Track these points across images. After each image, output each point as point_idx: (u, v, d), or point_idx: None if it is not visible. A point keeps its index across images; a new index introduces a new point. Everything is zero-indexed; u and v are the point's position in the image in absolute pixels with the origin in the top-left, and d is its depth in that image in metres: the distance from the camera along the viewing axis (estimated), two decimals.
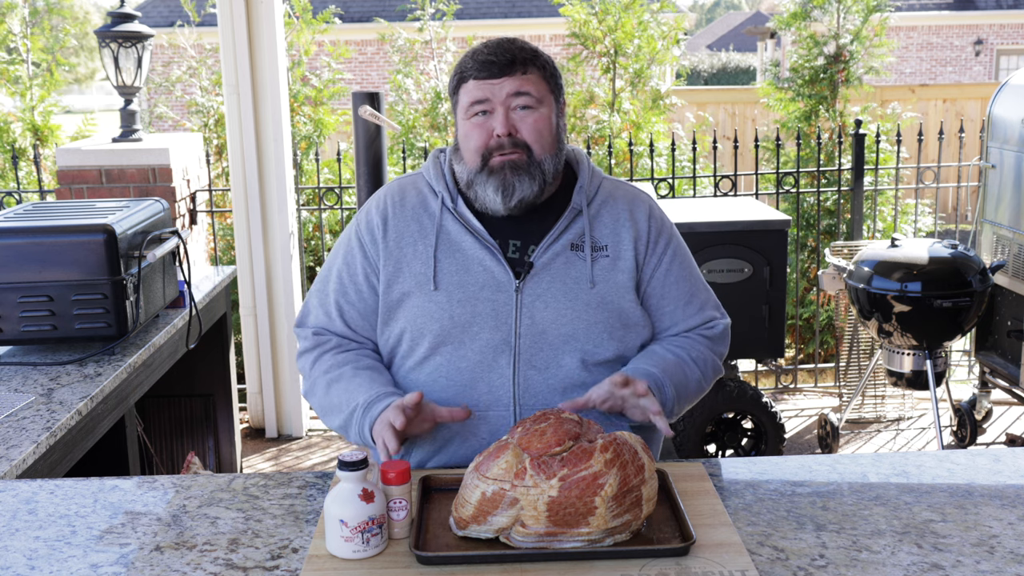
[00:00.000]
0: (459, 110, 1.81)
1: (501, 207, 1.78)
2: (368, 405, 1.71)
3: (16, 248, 2.41)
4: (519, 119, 1.77)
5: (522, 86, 1.76)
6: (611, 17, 5.73)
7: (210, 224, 4.68)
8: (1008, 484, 1.62)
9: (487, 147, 1.77)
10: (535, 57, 1.80)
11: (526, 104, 1.77)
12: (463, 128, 1.80)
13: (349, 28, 13.82)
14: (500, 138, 1.76)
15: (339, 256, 1.89)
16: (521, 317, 1.77)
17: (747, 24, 31.56)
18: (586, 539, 1.37)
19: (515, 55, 1.77)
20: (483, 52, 1.78)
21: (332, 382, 1.79)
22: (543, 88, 1.79)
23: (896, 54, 18.52)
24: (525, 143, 1.77)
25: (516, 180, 1.76)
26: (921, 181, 5.14)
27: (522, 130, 1.77)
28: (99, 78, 24.67)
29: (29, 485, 1.69)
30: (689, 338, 1.88)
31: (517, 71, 1.76)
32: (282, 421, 4.55)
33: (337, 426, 1.79)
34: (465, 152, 1.81)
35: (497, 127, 1.76)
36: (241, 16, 4.13)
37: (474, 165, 1.79)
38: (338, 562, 1.37)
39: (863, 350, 4.46)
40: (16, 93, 5.45)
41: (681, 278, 1.88)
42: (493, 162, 1.77)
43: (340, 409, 1.76)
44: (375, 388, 1.74)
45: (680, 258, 1.90)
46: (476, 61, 1.78)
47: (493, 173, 1.77)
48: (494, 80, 1.76)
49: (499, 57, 1.77)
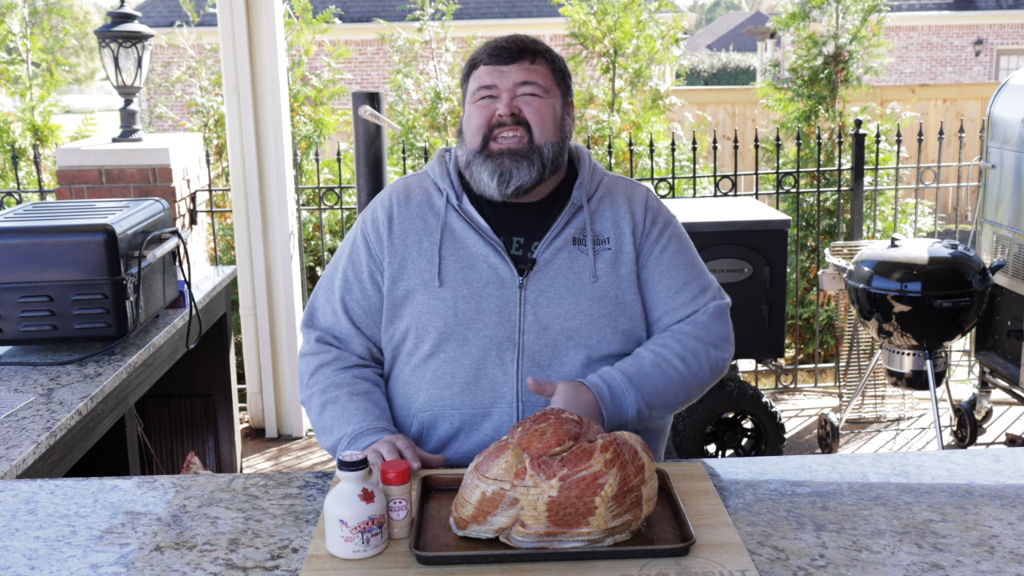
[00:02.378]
0: (467, 96, 1.84)
1: (496, 193, 1.79)
2: (355, 437, 1.72)
3: (16, 248, 2.41)
4: (524, 103, 1.79)
5: (530, 75, 1.79)
6: (610, 17, 5.73)
7: (210, 224, 4.68)
8: (1008, 484, 1.62)
9: (488, 125, 1.78)
10: (546, 51, 1.84)
11: (532, 92, 1.79)
12: (468, 111, 1.83)
13: (349, 28, 13.83)
14: (502, 116, 1.77)
15: (345, 254, 1.90)
16: (525, 313, 1.77)
17: (747, 24, 31.57)
18: (586, 539, 1.37)
19: (525, 45, 1.81)
20: (496, 42, 1.82)
21: (327, 403, 1.80)
22: (550, 80, 1.82)
23: (896, 54, 18.56)
24: (527, 122, 1.78)
25: (514, 167, 1.77)
26: (921, 181, 5.14)
27: (525, 111, 1.79)
28: (99, 78, 24.67)
29: (29, 485, 1.69)
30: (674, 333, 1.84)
31: (526, 59, 1.79)
32: (282, 421, 4.55)
33: (327, 447, 1.80)
34: (467, 132, 1.82)
35: (500, 107, 1.78)
36: (241, 16, 4.12)
37: (474, 145, 1.80)
38: (338, 562, 1.37)
39: (863, 350, 4.46)
40: (16, 93, 5.44)
41: (675, 265, 1.87)
42: (493, 146, 1.78)
43: (331, 432, 1.77)
44: (367, 420, 1.74)
45: (676, 244, 1.89)
46: (488, 48, 1.82)
47: (491, 157, 1.78)
48: (503, 66, 1.78)
49: (511, 45, 1.81)
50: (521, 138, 1.78)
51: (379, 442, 1.67)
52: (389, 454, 1.62)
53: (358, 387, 1.80)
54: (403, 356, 1.84)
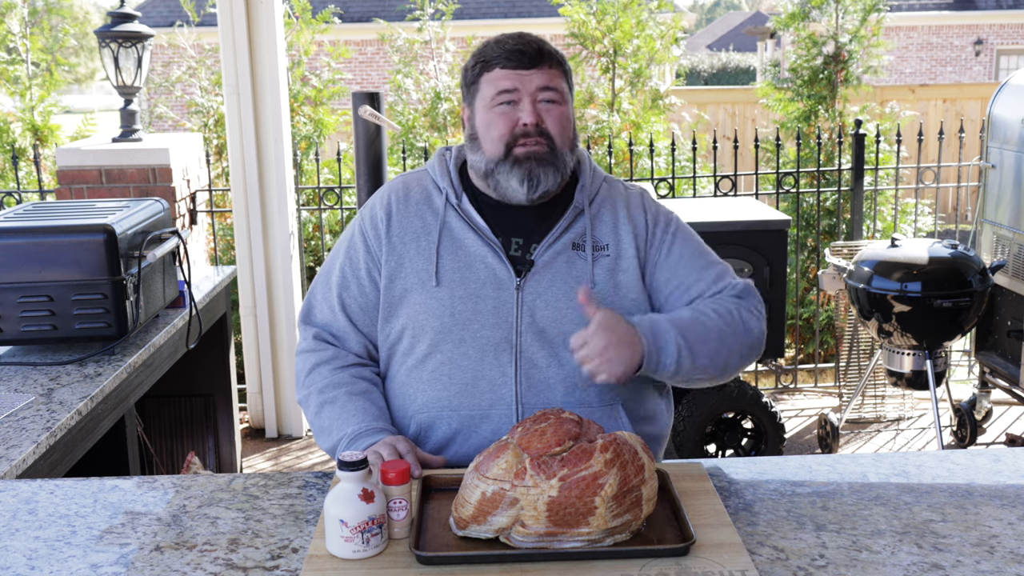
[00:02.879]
0: (480, 99, 1.80)
1: (524, 198, 1.79)
2: (355, 437, 1.71)
3: (16, 248, 2.40)
4: (544, 111, 1.78)
5: (550, 80, 1.78)
6: (609, 17, 5.73)
7: (210, 224, 4.68)
8: (1008, 484, 1.62)
9: (512, 134, 1.77)
10: (559, 54, 1.83)
11: (552, 99, 1.78)
12: (485, 117, 1.79)
13: (349, 28, 13.83)
14: (527, 127, 1.76)
15: (342, 251, 1.89)
16: (522, 315, 1.77)
17: (747, 24, 31.57)
18: (586, 539, 1.37)
19: (543, 48, 1.79)
20: (509, 42, 1.79)
21: (325, 404, 1.78)
22: (564, 85, 1.82)
23: (896, 54, 18.55)
24: (549, 133, 1.78)
25: (542, 171, 1.77)
26: (921, 181, 5.14)
27: (547, 121, 1.78)
28: (99, 78, 24.67)
29: (29, 485, 1.69)
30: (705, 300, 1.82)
31: (546, 64, 1.78)
32: (282, 421, 4.55)
33: (326, 449, 1.79)
34: (485, 141, 1.79)
35: (525, 116, 1.76)
36: (241, 16, 4.13)
37: (496, 153, 1.78)
38: (338, 562, 1.37)
39: (863, 350, 4.46)
40: (16, 93, 5.44)
41: (687, 255, 1.86)
42: (518, 152, 1.77)
43: (329, 433, 1.76)
44: (367, 421, 1.73)
45: (683, 238, 1.88)
46: (504, 49, 1.78)
47: (518, 163, 1.77)
48: (524, 71, 1.76)
49: (528, 48, 1.78)
50: (544, 146, 1.77)
51: (380, 443, 1.66)
52: (390, 456, 1.62)
53: (356, 387, 1.79)
54: (399, 356, 1.83)
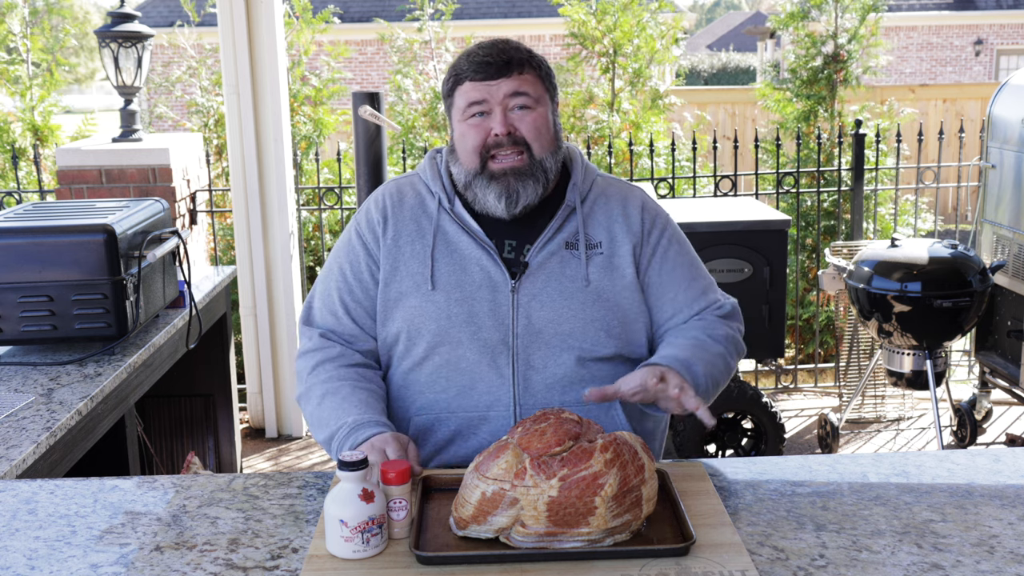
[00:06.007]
0: (455, 112, 1.80)
1: (504, 213, 1.78)
2: (355, 427, 1.67)
3: (16, 248, 2.40)
4: (517, 118, 1.76)
5: (520, 86, 1.75)
6: (609, 17, 5.73)
7: (210, 224, 4.68)
8: (1008, 484, 1.62)
9: (484, 146, 1.76)
10: (531, 58, 1.80)
11: (524, 104, 1.76)
12: (459, 129, 1.79)
13: (349, 28, 13.83)
14: (499, 137, 1.74)
15: (340, 255, 1.89)
16: (518, 317, 1.77)
17: (747, 24, 31.57)
18: (586, 539, 1.37)
19: (511, 56, 1.76)
20: (478, 53, 1.77)
21: (327, 394, 1.75)
22: (539, 88, 1.79)
23: (896, 54, 18.55)
24: (524, 140, 1.76)
25: (520, 186, 1.76)
26: (921, 181, 5.14)
27: (521, 128, 1.76)
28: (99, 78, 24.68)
29: (29, 485, 1.69)
30: (702, 319, 1.85)
31: (514, 72, 1.76)
32: (282, 421, 4.55)
33: (322, 439, 1.74)
34: (462, 153, 1.80)
35: (495, 126, 1.75)
36: (241, 16, 4.13)
37: (472, 166, 1.78)
38: (338, 562, 1.37)
39: (863, 350, 4.46)
40: (16, 93, 5.44)
41: (679, 265, 1.87)
42: (494, 167, 1.76)
43: (328, 423, 1.72)
44: (368, 413, 1.70)
45: (677, 246, 1.88)
46: (472, 62, 1.76)
47: (495, 179, 1.76)
48: (491, 81, 1.75)
49: (495, 58, 1.75)
50: (521, 157, 1.76)
51: (385, 437, 1.62)
52: (394, 453, 1.58)
53: (361, 384, 1.78)
54: (396, 359, 1.83)
